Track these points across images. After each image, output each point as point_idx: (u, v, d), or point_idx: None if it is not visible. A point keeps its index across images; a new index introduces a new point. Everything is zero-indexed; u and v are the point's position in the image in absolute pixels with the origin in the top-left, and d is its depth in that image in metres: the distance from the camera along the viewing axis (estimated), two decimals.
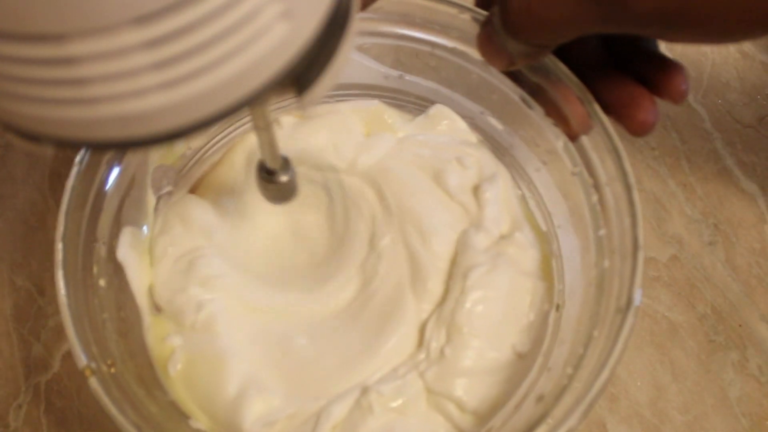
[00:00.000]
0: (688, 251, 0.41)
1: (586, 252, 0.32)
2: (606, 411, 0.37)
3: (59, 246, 0.30)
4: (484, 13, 0.32)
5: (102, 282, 0.32)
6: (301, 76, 0.19)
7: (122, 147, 0.18)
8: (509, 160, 0.38)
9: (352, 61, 0.38)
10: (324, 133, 0.38)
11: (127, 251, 0.34)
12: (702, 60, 0.47)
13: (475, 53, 0.34)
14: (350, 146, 0.38)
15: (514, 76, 0.33)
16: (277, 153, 0.26)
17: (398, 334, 0.33)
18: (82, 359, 0.28)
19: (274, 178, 0.27)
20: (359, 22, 0.35)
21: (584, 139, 0.31)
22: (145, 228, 0.36)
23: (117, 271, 0.34)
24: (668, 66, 0.29)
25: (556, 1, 0.24)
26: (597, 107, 0.30)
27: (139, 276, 0.34)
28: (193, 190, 0.38)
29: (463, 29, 0.34)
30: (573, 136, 0.32)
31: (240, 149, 0.38)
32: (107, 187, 0.33)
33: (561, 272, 0.34)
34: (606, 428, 0.37)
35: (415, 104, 0.40)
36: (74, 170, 0.31)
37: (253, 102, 0.18)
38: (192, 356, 0.33)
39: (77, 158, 0.31)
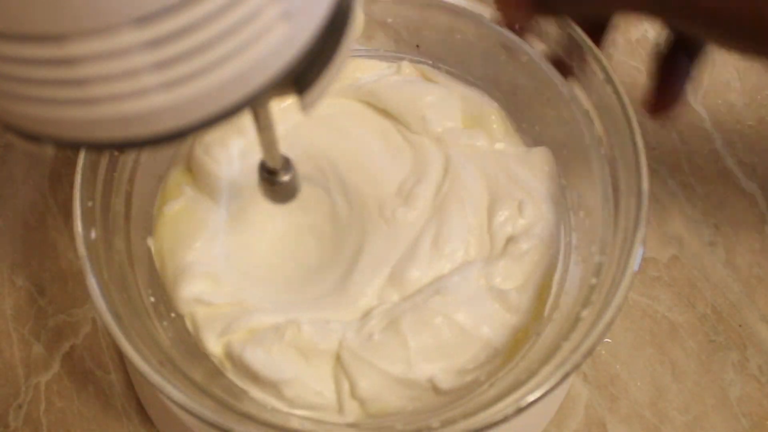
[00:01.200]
0: (688, 251, 0.41)
1: (551, 361, 0.29)
2: (606, 411, 0.37)
3: None
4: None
5: None
6: (301, 76, 0.19)
7: (123, 147, 0.18)
8: (567, 239, 0.36)
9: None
10: (427, 100, 0.38)
11: None
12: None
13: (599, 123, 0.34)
14: (440, 123, 0.38)
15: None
16: (278, 153, 0.26)
17: (359, 302, 0.33)
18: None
19: (276, 178, 0.27)
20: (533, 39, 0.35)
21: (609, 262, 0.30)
22: None
23: None
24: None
25: None
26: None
27: None
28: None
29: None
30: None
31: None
32: None
33: (516, 366, 0.32)
34: (606, 428, 0.37)
35: (524, 133, 0.38)
36: None
37: (254, 102, 0.18)
38: (187, 210, 0.35)
39: None
